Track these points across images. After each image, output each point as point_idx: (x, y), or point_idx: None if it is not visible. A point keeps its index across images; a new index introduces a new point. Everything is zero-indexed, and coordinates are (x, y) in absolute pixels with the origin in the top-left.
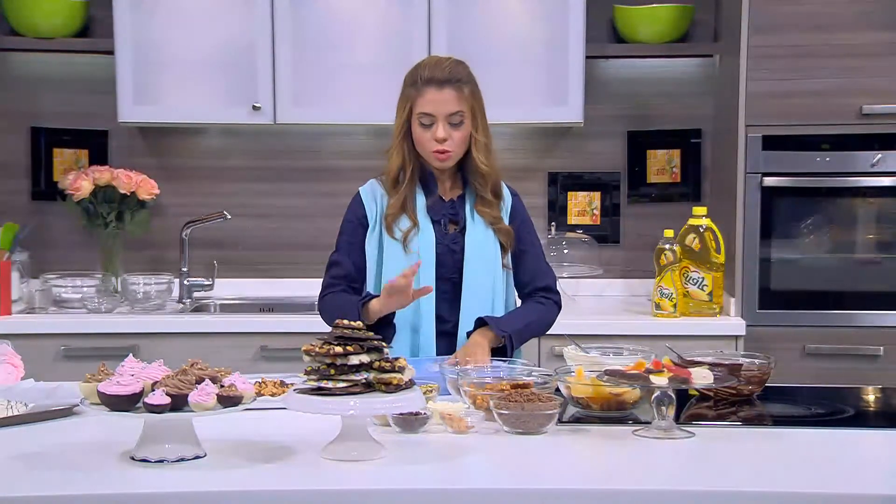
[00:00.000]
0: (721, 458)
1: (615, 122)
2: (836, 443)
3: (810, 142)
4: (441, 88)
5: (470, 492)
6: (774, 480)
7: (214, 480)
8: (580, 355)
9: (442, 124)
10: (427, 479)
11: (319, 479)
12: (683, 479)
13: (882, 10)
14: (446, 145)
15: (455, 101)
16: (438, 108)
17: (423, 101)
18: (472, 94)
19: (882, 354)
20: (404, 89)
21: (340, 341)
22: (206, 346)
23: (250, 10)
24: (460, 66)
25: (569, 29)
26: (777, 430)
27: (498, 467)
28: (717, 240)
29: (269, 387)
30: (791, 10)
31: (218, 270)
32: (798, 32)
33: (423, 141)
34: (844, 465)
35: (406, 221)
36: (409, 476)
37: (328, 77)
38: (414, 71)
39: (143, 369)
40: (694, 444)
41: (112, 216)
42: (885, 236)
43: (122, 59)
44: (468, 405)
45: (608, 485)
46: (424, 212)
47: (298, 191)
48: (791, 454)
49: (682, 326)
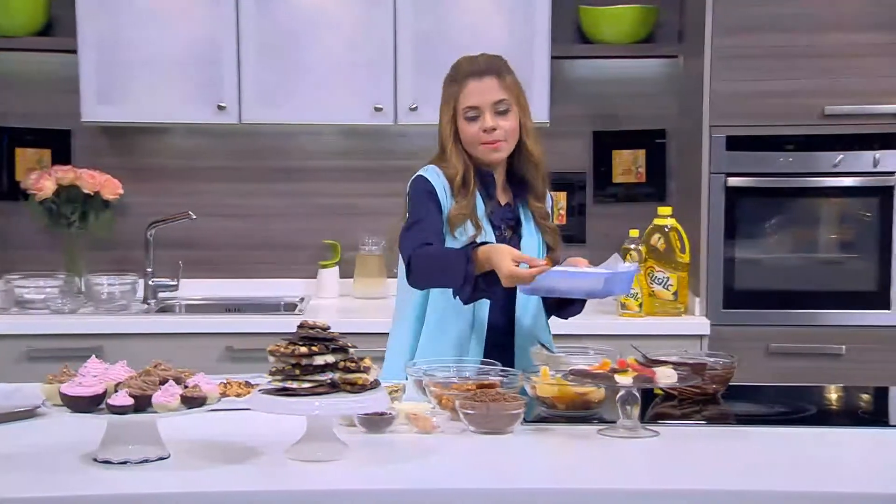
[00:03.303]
0: (685, 456)
1: (581, 123)
2: (799, 441)
3: (774, 142)
4: (481, 78)
5: (436, 492)
6: (738, 479)
7: (178, 482)
8: (546, 355)
9: (488, 114)
10: (393, 480)
11: (284, 479)
12: (648, 477)
13: (842, 11)
14: (496, 135)
15: (498, 89)
16: (483, 98)
17: (465, 94)
18: (513, 82)
19: (844, 353)
20: (445, 90)
21: (305, 342)
22: (171, 347)
23: (215, 10)
24: (497, 58)
25: (534, 29)
26: (740, 428)
27: (464, 467)
28: (681, 240)
29: (235, 387)
30: (754, 11)
31: (183, 271)
32: (761, 34)
33: (471, 134)
34: (806, 463)
35: (470, 227)
36: (374, 476)
37: (293, 77)
38: (452, 70)
39: (106, 370)
40: (658, 443)
41: (75, 216)
42: (847, 236)
43: (86, 58)
44: (434, 405)
45: (573, 484)
46: (486, 217)
47: (265, 191)
48: (754, 453)
49: (647, 326)
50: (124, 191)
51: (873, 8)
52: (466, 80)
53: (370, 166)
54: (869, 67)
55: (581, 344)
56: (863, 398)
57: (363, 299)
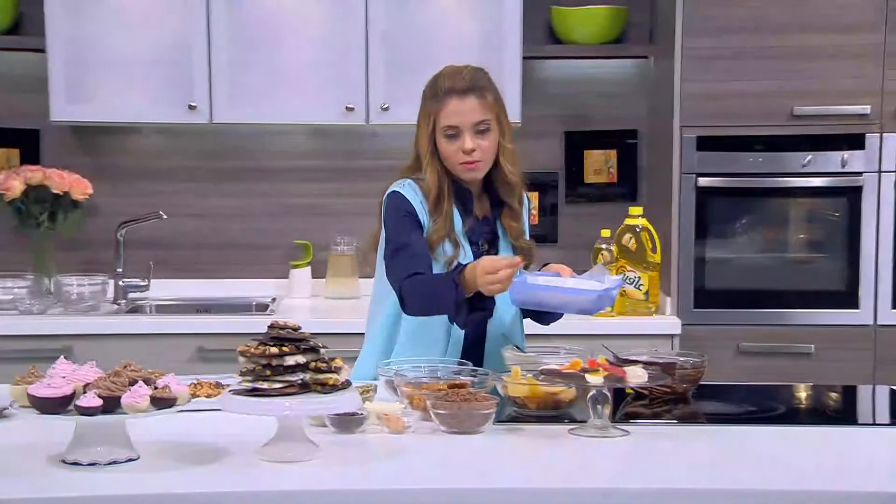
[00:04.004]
0: (655, 455)
1: (552, 123)
2: (768, 440)
3: (743, 142)
4: (463, 98)
5: (407, 492)
6: (707, 477)
7: (148, 483)
8: (517, 355)
9: (468, 134)
10: (364, 480)
11: (255, 480)
12: (619, 476)
13: (812, 13)
14: (475, 156)
15: (479, 110)
16: (463, 119)
17: (445, 112)
18: (495, 100)
19: (813, 352)
20: (424, 103)
21: (276, 342)
22: (142, 348)
23: (186, 9)
24: (480, 73)
25: (506, 30)
26: (710, 427)
27: (435, 467)
28: (653, 239)
29: (205, 388)
30: (724, 12)
31: (154, 271)
32: (731, 35)
33: (450, 154)
34: (776, 461)
35: (449, 246)
36: (345, 477)
37: (265, 77)
38: (433, 82)
39: (74, 371)
40: (629, 443)
41: (44, 216)
42: (816, 236)
43: (55, 57)
44: (405, 405)
45: (545, 483)
46: (463, 233)
47: (236, 191)
48: (724, 452)
49: (618, 326)
50: (94, 191)
51: (841, 10)
52: (448, 98)
53: (342, 166)
54: (837, 69)
55: (552, 344)
56: (831, 397)
57: (335, 299)
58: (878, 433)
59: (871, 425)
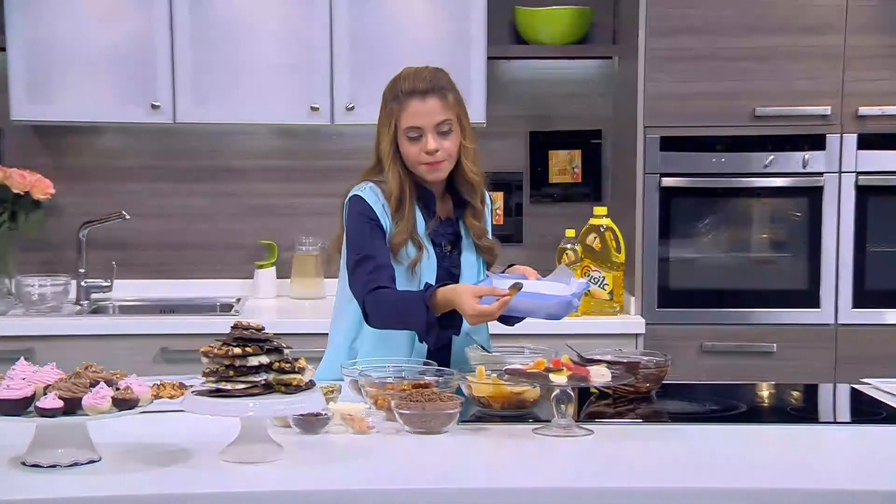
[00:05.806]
0: (619, 454)
1: (517, 123)
2: (731, 438)
3: (706, 143)
4: (425, 98)
5: (371, 492)
6: (671, 476)
7: (110, 485)
8: (482, 354)
9: (431, 135)
10: (328, 480)
11: (218, 481)
12: (582, 476)
13: (773, 15)
14: (438, 156)
15: (441, 110)
16: (425, 120)
17: (407, 114)
18: (456, 100)
19: (775, 351)
20: (385, 105)
21: (239, 343)
22: (105, 349)
23: (149, 8)
24: (440, 74)
25: (470, 30)
26: (674, 426)
27: (399, 467)
28: (617, 239)
29: (168, 389)
30: (686, 13)
31: (117, 271)
32: (693, 36)
33: (413, 155)
34: (738, 460)
35: (413, 248)
36: (309, 477)
37: (229, 76)
38: (393, 85)
39: (35, 373)
40: (593, 442)
41: (5, 216)
42: (778, 236)
43: (15, 55)
44: (369, 405)
45: (509, 483)
46: (426, 235)
47: (199, 191)
48: (687, 450)
49: (583, 325)
50: (56, 190)
51: (803, 11)
52: (409, 100)
53: (307, 166)
54: (798, 70)
55: (517, 343)
56: (793, 395)
57: (300, 299)
58: (839, 431)
59: (832, 423)
